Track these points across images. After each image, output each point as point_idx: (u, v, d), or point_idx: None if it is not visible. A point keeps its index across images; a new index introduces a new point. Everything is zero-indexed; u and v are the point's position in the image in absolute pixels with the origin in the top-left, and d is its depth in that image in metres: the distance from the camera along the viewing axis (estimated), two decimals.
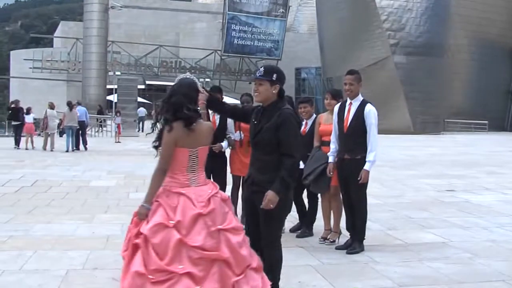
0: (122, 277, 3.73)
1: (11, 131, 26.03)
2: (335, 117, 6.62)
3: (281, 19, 55.58)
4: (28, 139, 21.82)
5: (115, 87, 35.15)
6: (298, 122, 4.54)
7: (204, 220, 3.80)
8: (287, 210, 4.52)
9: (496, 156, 20.58)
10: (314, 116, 7.28)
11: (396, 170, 14.87)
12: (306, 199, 7.37)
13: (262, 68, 4.49)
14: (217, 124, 6.99)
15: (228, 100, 5.15)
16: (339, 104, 6.68)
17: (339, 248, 6.52)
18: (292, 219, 7.32)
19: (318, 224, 7.22)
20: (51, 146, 20.82)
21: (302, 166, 6.41)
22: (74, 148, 20.69)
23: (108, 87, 44.38)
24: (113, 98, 38.43)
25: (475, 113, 41.40)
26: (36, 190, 10.84)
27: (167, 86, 50.73)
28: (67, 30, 64.68)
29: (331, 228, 6.93)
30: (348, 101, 6.51)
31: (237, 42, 54.03)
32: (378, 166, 9.39)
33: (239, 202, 5.89)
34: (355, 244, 6.41)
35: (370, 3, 41.85)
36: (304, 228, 7.24)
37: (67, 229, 7.41)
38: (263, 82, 4.40)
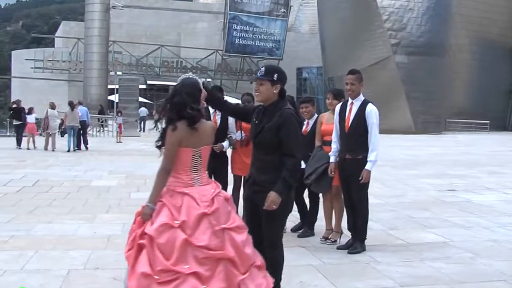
0: (128, 277, 3.73)
1: (13, 131, 26.05)
2: (336, 116, 6.62)
3: (282, 19, 55.58)
4: (30, 139, 21.84)
5: (117, 87, 35.14)
6: (299, 122, 4.54)
7: (208, 220, 3.80)
8: (288, 210, 4.52)
9: (497, 155, 20.56)
10: (316, 116, 7.28)
11: (397, 170, 14.86)
12: (307, 199, 7.38)
13: (263, 68, 4.49)
14: (218, 124, 6.98)
15: (229, 100, 5.10)
16: (340, 104, 6.67)
17: (340, 248, 6.52)
18: (293, 218, 7.32)
19: (320, 224, 7.22)
20: (53, 146, 20.83)
21: (303, 166, 6.41)
22: (76, 148, 20.71)
23: (110, 87, 44.40)
24: (114, 98, 38.45)
25: (476, 112, 41.36)
26: (38, 190, 10.85)
27: (168, 86, 50.90)
28: (69, 30, 64.69)
29: (333, 228, 6.93)
30: (350, 101, 6.51)
31: (238, 42, 54.03)
32: (380, 166, 9.38)
33: (240, 202, 5.89)
34: (357, 244, 6.41)
35: (371, 3, 41.85)
36: (306, 228, 7.23)
37: (68, 229, 7.41)
38: (264, 82, 4.40)
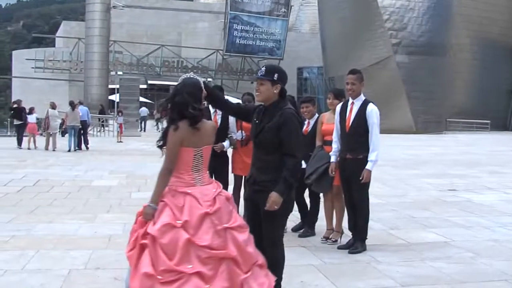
0: (131, 278, 3.73)
1: (13, 130, 26.06)
2: (337, 116, 6.61)
3: (283, 19, 55.57)
4: (31, 139, 21.86)
5: (117, 86, 35.16)
6: (299, 121, 4.53)
7: (210, 219, 3.80)
8: (289, 210, 4.51)
9: (498, 155, 20.56)
10: (316, 115, 7.28)
11: (398, 170, 14.86)
12: (307, 199, 7.38)
13: (263, 68, 4.49)
14: (218, 123, 6.97)
15: (230, 99, 5.11)
16: (341, 104, 6.67)
17: (341, 247, 6.52)
18: (294, 218, 7.31)
19: (320, 223, 7.22)
20: (53, 146, 20.83)
21: (304, 165, 6.41)
22: (76, 148, 20.72)
23: (110, 86, 44.41)
24: (115, 97, 38.45)
25: (477, 112, 41.36)
26: (38, 189, 10.85)
27: (169, 86, 50.89)
28: (69, 30, 64.71)
29: (333, 227, 6.93)
30: (350, 100, 6.50)
31: (239, 41, 54.02)
32: (380, 166, 9.38)
33: (241, 202, 5.88)
34: (357, 244, 6.41)
35: (372, 3, 41.82)
36: (306, 228, 7.23)
37: (69, 228, 7.42)
38: (264, 82, 4.40)
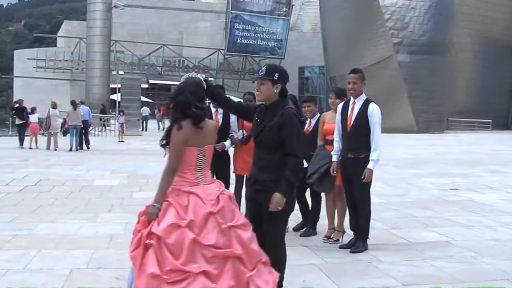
0: (136, 278, 3.73)
1: (15, 130, 26.08)
2: (338, 116, 6.61)
3: (284, 18, 55.64)
4: (33, 139, 21.88)
5: (119, 86, 35.19)
6: (300, 121, 4.53)
7: (215, 218, 3.81)
8: (290, 209, 4.51)
9: (499, 154, 20.55)
10: (318, 115, 7.27)
11: (399, 169, 14.85)
12: (309, 198, 7.37)
13: (264, 68, 4.50)
14: (220, 123, 6.97)
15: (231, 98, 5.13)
16: (342, 103, 6.67)
17: (342, 247, 6.52)
18: (295, 217, 7.31)
19: (322, 223, 7.22)
20: (55, 146, 20.84)
21: (305, 165, 6.41)
22: (78, 148, 20.73)
23: (112, 86, 44.46)
24: (116, 97, 38.48)
25: (478, 111, 41.34)
26: (40, 189, 10.85)
27: (170, 85, 50.91)
28: (71, 30, 64.79)
29: (335, 227, 6.93)
30: (352, 100, 6.50)
31: (240, 41, 54.09)
32: (382, 165, 9.39)
33: (242, 201, 5.89)
34: (359, 243, 6.41)
35: (373, 2, 41.80)
36: (308, 227, 7.23)
37: (70, 228, 7.42)
38: (265, 82, 4.40)
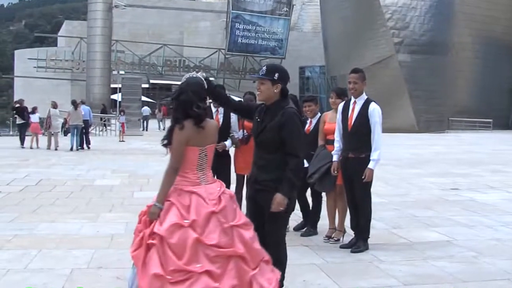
0: (139, 278, 3.72)
1: (16, 130, 26.09)
2: (339, 115, 6.61)
3: (285, 18, 55.64)
4: (34, 138, 21.88)
5: (119, 86, 35.20)
6: (301, 121, 4.53)
7: (217, 218, 3.82)
8: (291, 209, 4.51)
9: (500, 154, 20.54)
10: (319, 114, 7.27)
11: (400, 169, 14.84)
12: (309, 198, 7.37)
13: (264, 67, 4.50)
14: (220, 122, 6.97)
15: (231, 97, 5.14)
16: (343, 103, 6.66)
17: (343, 246, 6.52)
18: (296, 217, 7.32)
19: (323, 222, 7.22)
20: (55, 145, 20.85)
21: (306, 164, 6.40)
22: (79, 147, 20.73)
23: (112, 86, 44.45)
24: (117, 97, 38.49)
25: (479, 111, 41.31)
26: (41, 189, 10.86)
27: (171, 85, 50.92)
28: (71, 29, 64.85)
29: (336, 226, 6.93)
30: (352, 99, 6.50)
31: (241, 41, 54.09)
32: (383, 165, 9.38)
33: (243, 201, 5.88)
34: (360, 243, 6.40)
35: (374, 2, 41.78)
36: (309, 227, 7.23)
37: (71, 228, 7.42)
38: (265, 81, 4.40)
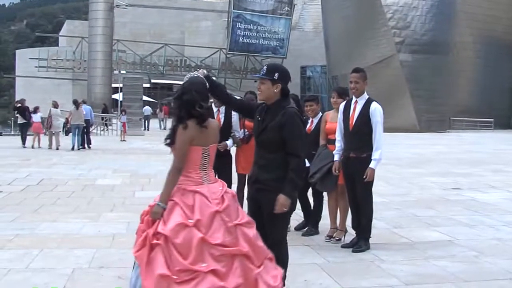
0: (143, 278, 3.72)
1: (17, 130, 26.11)
2: (340, 115, 6.60)
3: (286, 18, 55.63)
4: (36, 138, 21.89)
5: (121, 85, 35.20)
6: (302, 120, 4.53)
7: (221, 217, 3.83)
8: (292, 208, 4.51)
9: (502, 154, 20.54)
10: (320, 114, 7.27)
11: (401, 168, 14.84)
12: (311, 197, 7.37)
13: (265, 67, 4.50)
14: (221, 122, 6.96)
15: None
16: (344, 102, 6.66)
17: (345, 246, 6.52)
18: (297, 217, 7.31)
19: (324, 222, 7.22)
20: (56, 145, 20.87)
21: (307, 164, 6.40)
22: (80, 147, 20.74)
23: (114, 85, 44.44)
24: (118, 96, 38.48)
25: (480, 111, 41.27)
26: (42, 188, 10.86)
27: (172, 84, 50.94)
28: (73, 29, 64.88)
29: (337, 226, 6.92)
30: (354, 99, 6.49)
31: (242, 40, 54.09)
32: (384, 164, 9.36)
33: (244, 201, 5.88)
34: (361, 242, 6.41)
35: (375, 1, 41.71)
36: (310, 227, 7.22)
37: (73, 227, 7.42)
38: (265, 81, 4.40)
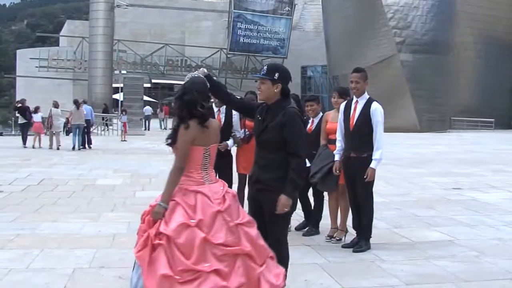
0: (145, 278, 3.71)
1: (18, 130, 26.12)
2: (341, 115, 6.60)
3: (286, 17, 55.66)
4: (36, 138, 21.90)
5: (121, 85, 35.22)
6: (303, 120, 4.53)
7: (222, 217, 3.84)
8: (292, 208, 4.51)
9: (502, 154, 20.53)
10: (321, 114, 7.26)
11: (402, 168, 14.84)
12: (311, 197, 7.37)
13: (265, 67, 4.50)
14: (222, 122, 6.96)
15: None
16: (345, 102, 6.66)
17: (345, 246, 6.52)
18: (297, 217, 7.31)
19: (324, 222, 7.21)
20: (57, 145, 20.88)
21: (308, 164, 6.40)
22: (81, 147, 20.74)
23: (114, 85, 44.51)
24: (119, 96, 38.50)
25: (481, 111, 41.26)
26: (43, 188, 10.86)
27: (173, 84, 50.94)
28: (73, 29, 64.91)
29: (338, 226, 6.92)
30: (354, 99, 6.49)
31: (242, 40, 54.13)
32: (384, 164, 9.36)
33: (245, 201, 5.88)
34: (362, 242, 6.41)
35: (376, 1, 41.72)
36: (311, 226, 7.22)
37: (73, 227, 7.42)
38: (265, 81, 4.40)
